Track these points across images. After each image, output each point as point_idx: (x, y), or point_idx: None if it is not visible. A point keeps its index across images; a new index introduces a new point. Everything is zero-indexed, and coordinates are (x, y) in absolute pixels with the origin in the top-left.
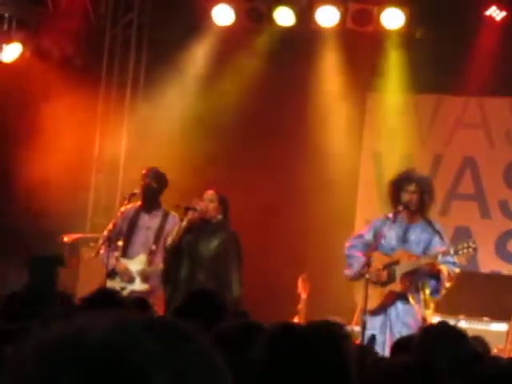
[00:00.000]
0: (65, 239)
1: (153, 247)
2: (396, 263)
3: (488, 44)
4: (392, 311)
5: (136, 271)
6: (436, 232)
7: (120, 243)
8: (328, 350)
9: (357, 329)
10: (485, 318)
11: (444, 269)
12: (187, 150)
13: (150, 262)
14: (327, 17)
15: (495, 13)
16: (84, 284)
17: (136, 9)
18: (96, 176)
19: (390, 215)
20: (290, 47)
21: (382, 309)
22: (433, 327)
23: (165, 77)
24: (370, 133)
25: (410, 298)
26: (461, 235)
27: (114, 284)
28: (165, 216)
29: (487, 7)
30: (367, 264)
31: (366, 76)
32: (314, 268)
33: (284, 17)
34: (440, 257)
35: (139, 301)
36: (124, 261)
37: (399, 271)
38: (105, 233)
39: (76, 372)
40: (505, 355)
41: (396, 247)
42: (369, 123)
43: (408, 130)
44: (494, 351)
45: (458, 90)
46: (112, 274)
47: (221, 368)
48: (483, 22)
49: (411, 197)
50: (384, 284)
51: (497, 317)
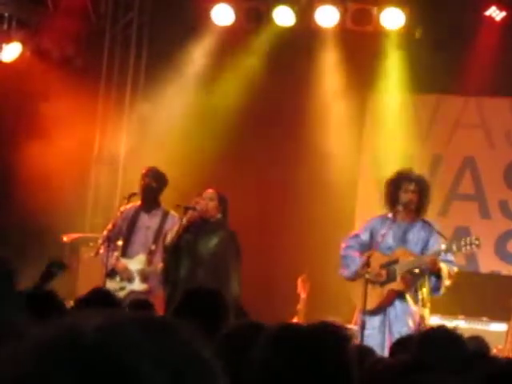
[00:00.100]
0: (64, 239)
1: (152, 247)
2: (395, 262)
3: (488, 44)
4: (391, 311)
5: (135, 271)
6: (434, 232)
7: (120, 243)
8: (329, 351)
9: (356, 329)
10: (484, 318)
11: (444, 267)
12: (187, 150)
13: (150, 262)
14: (327, 17)
15: (495, 13)
16: (83, 284)
17: (136, 9)
18: (96, 176)
19: (390, 215)
20: (290, 47)
21: (381, 308)
22: (431, 331)
23: (165, 76)
24: (370, 133)
25: (409, 297)
26: (461, 235)
27: (114, 284)
28: (164, 216)
29: (487, 7)
30: (366, 264)
31: (366, 76)
32: (314, 268)
33: (283, 17)
34: (441, 255)
35: (141, 301)
36: (123, 260)
37: (400, 270)
38: (104, 232)
39: (70, 371)
40: (504, 355)
41: (394, 247)
42: (368, 123)
43: (408, 130)
44: (494, 351)
45: (458, 90)
46: (111, 274)
47: (214, 365)
48: (483, 22)
49: (411, 196)
50: (383, 283)
51: (496, 317)
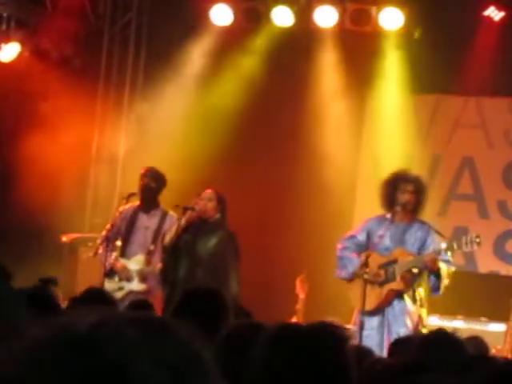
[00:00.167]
0: (63, 239)
1: (151, 247)
2: (394, 262)
3: (487, 44)
4: (389, 311)
5: (134, 271)
6: (431, 232)
7: (118, 243)
8: (328, 351)
9: (354, 329)
10: (483, 318)
11: (443, 266)
12: (186, 150)
13: (148, 262)
14: (325, 17)
15: (494, 13)
16: (82, 284)
17: (134, 9)
18: (94, 176)
19: (388, 215)
20: (289, 47)
21: (380, 309)
22: (431, 334)
23: (163, 77)
24: (369, 133)
25: (407, 297)
26: (460, 235)
27: (112, 284)
28: (163, 216)
29: (486, 7)
30: (365, 264)
31: (365, 76)
32: (312, 268)
33: (282, 17)
34: (442, 254)
35: (141, 302)
36: (122, 260)
37: (399, 269)
38: (103, 233)
39: (65, 371)
40: (503, 355)
41: (391, 248)
42: (367, 123)
43: (407, 130)
44: (493, 351)
45: (457, 90)
46: (110, 274)
47: (203, 358)
48: (482, 22)
49: (409, 197)
50: (382, 283)
51: (495, 317)
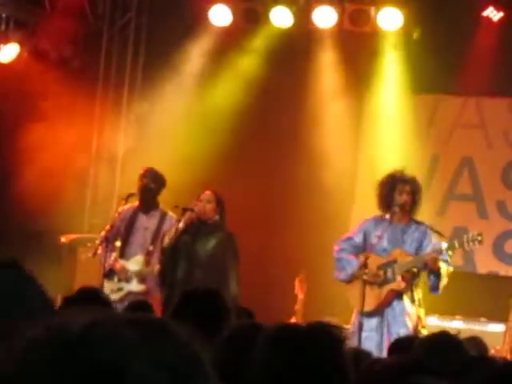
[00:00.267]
0: (62, 239)
1: (150, 248)
2: (394, 262)
3: (486, 44)
4: (389, 312)
5: (133, 272)
6: (428, 232)
7: (118, 244)
8: (326, 352)
9: (353, 330)
10: (482, 319)
11: (443, 266)
12: (185, 150)
13: (148, 263)
14: (324, 17)
15: (492, 13)
16: (81, 284)
17: (134, 9)
18: (94, 176)
19: (387, 216)
20: (288, 48)
21: (380, 309)
22: (432, 336)
23: (162, 77)
24: (368, 133)
25: (406, 298)
26: (460, 235)
27: (112, 284)
28: (162, 216)
29: (484, 8)
30: (364, 265)
31: (364, 76)
32: (311, 269)
33: (281, 17)
34: (443, 253)
35: (140, 302)
36: (122, 261)
37: (399, 270)
38: (102, 233)
39: (57, 371)
40: (502, 356)
41: (389, 249)
42: (366, 124)
43: (406, 131)
44: (492, 352)
45: (456, 91)
46: (109, 275)
47: (201, 360)
48: (480, 23)
49: (407, 198)
50: (381, 284)
51: (494, 317)
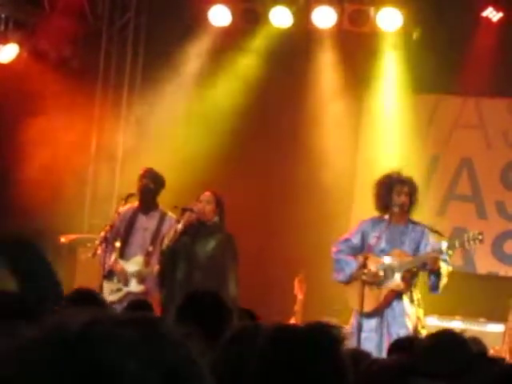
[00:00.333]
0: (62, 240)
1: (149, 248)
2: (393, 262)
3: (485, 45)
4: (388, 312)
5: (132, 272)
6: (425, 233)
7: (118, 244)
8: (324, 352)
9: (352, 331)
10: (481, 319)
11: (443, 265)
12: (184, 151)
13: (147, 263)
14: (324, 17)
15: (492, 14)
16: (81, 284)
17: (133, 9)
18: (93, 176)
19: (386, 217)
20: (287, 48)
21: (380, 310)
22: (438, 335)
23: (162, 77)
24: (367, 133)
25: (405, 298)
26: (460, 234)
27: (111, 285)
28: (162, 217)
29: (484, 8)
30: (363, 265)
31: (363, 77)
32: (311, 269)
33: (280, 17)
34: (444, 253)
35: (140, 302)
36: (121, 262)
37: (399, 269)
38: (102, 233)
39: (55, 371)
40: (501, 356)
41: (387, 249)
42: (366, 124)
43: (405, 131)
44: (491, 352)
45: (456, 91)
46: (109, 275)
47: (197, 360)
48: (480, 23)
49: (405, 198)
50: (381, 285)
51: (493, 318)
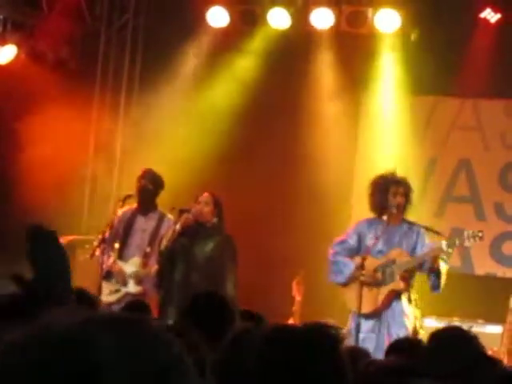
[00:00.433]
0: (60, 241)
1: (147, 250)
2: (392, 262)
3: (483, 46)
4: (388, 312)
5: (130, 273)
6: (420, 234)
7: (117, 245)
8: (324, 352)
9: (350, 331)
10: (479, 320)
11: (442, 264)
12: (183, 152)
13: (145, 265)
14: (322, 19)
15: (490, 15)
16: (79, 286)
17: (131, 11)
18: (91, 178)
19: (385, 218)
20: (285, 49)
21: (379, 310)
22: (445, 331)
23: (160, 79)
24: (365, 135)
25: (403, 298)
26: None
27: (110, 286)
28: (160, 218)
29: (482, 9)
30: (361, 266)
31: (361, 78)
32: (309, 270)
33: (279, 19)
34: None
35: (138, 303)
36: (120, 263)
37: (398, 269)
38: (100, 235)
39: (36, 371)
40: (499, 357)
41: (384, 250)
42: (364, 125)
43: (403, 132)
44: (489, 353)
45: (454, 92)
46: (107, 276)
47: (183, 360)
48: (478, 24)
49: (401, 199)
50: (380, 285)
51: (491, 319)
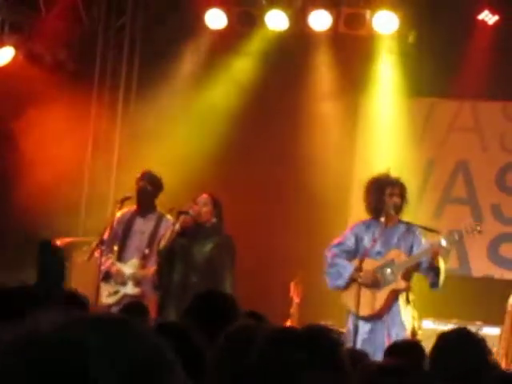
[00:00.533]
0: (57, 243)
1: (146, 251)
2: (391, 263)
3: (481, 48)
4: (387, 313)
5: (128, 275)
6: (416, 234)
7: (116, 248)
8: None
9: (348, 333)
10: (477, 322)
11: (441, 261)
12: (180, 154)
13: (143, 266)
14: (320, 21)
15: (487, 17)
16: (76, 288)
17: (129, 13)
18: (89, 179)
19: (382, 219)
20: (283, 51)
21: (379, 311)
22: (451, 333)
23: (157, 80)
24: (363, 137)
25: (401, 299)
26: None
27: (109, 287)
28: (159, 220)
29: (480, 11)
30: (359, 268)
31: (359, 80)
32: (307, 272)
33: (277, 21)
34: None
35: (135, 304)
36: (118, 265)
37: (398, 269)
38: (99, 236)
39: (22, 372)
40: (497, 359)
41: (382, 251)
42: (362, 127)
43: (401, 134)
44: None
45: (452, 94)
46: (106, 277)
47: (167, 359)
48: (476, 26)
49: (397, 200)
50: (380, 286)
51: (489, 321)
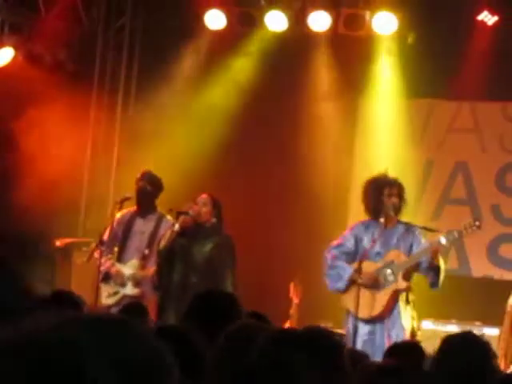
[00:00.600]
0: (57, 244)
1: (146, 251)
2: (391, 264)
3: (480, 48)
4: (388, 314)
5: (128, 275)
6: (416, 234)
7: (116, 248)
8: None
9: (348, 334)
10: (477, 323)
11: (441, 260)
12: (180, 154)
13: (143, 267)
14: (319, 21)
15: (487, 17)
16: (76, 289)
17: (128, 13)
18: (88, 180)
19: (382, 220)
20: (282, 52)
21: (380, 312)
22: (456, 337)
23: (157, 80)
24: (362, 138)
25: (401, 300)
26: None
27: (108, 288)
28: (159, 220)
29: (479, 12)
30: (359, 270)
31: (358, 81)
32: (306, 273)
33: (276, 21)
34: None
35: (134, 305)
36: (118, 266)
37: (398, 270)
38: (99, 237)
39: (21, 372)
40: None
41: (382, 252)
42: (361, 128)
43: (400, 135)
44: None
45: (451, 95)
46: (106, 278)
47: (163, 358)
48: (475, 27)
49: (396, 200)
50: (378, 287)
51: (489, 321)
